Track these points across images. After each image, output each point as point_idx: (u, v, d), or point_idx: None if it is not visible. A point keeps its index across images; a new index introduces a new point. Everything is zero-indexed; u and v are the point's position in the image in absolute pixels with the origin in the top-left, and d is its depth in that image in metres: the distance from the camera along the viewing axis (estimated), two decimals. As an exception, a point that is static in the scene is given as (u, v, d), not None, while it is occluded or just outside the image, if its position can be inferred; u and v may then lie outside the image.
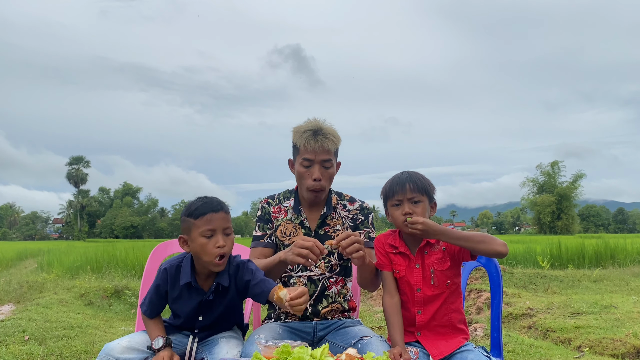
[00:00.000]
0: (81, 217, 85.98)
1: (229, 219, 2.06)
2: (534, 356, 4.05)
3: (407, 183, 2.03)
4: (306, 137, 2.21)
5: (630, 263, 10.77)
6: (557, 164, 61.95)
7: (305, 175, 2.25)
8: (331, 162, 2.25)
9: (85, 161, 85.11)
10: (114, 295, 7.21)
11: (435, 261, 2.03)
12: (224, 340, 2.11)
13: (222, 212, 2.02)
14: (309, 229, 2.31)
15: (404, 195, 2.03)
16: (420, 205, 2.02)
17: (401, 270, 2.07)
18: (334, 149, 2.26)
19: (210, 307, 2.10)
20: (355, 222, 2.36)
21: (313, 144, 2.20)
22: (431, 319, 2.02)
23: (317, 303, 2.27)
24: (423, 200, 2.03)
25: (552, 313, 5.61)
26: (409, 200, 2.02)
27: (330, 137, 2.23)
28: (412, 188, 2.02)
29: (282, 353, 1.53)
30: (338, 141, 2.27)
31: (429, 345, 2.01)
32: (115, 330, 5.07)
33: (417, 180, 2.05)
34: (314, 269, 2.28)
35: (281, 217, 2.35)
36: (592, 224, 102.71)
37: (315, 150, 2.20)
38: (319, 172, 2.22)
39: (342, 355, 1.61)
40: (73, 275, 9.45)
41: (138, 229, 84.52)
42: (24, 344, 4.16)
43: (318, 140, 2.20)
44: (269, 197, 2.43)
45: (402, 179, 2.06)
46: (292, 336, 2.19)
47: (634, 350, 4.20)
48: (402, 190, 2.03)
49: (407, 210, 2.01)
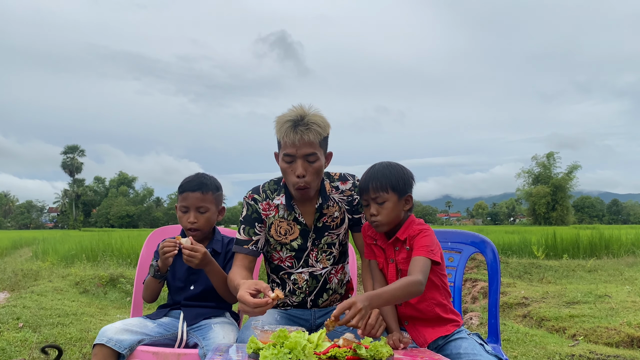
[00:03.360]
0: (76, 206, 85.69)
1: (205, 198, 2.27)
2: (529, 344, 4.06)
3: (370, 182, 1.95)
4: (285, 129, 1.96)
5: (624, 253, 10.83)
6: (553, 155, 62.12)
7: (288, 172, 2.02)
8: (316, 156, 1.99)
9: (80, 150, 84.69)
10: (109, 283, 7.19)
11: (401, 260, 1.99)
12: (218, 326, 2.12)
13: (198, 192, 2.25)
14: (305, 225, 2.14)
15: (369, 195, 1.96)
16: (386, 205, 1.94)
17: (380, 263, 2.06)
18: (319, 139, 1.99)
19: (201, 273, 2.21)
20: (352, 204, 2.19)
21: (292, 137, 1.94)
22: (414, 312, 2.00)
23: (317, 298, 2.20)
24: (389, 199, 1.94)
25: (547, 302, 5.63)
26: (373, 200, 1.95)
27: (313, 127, 1.96)
28: (374, 187, 1.94)
29: (279, 338, 1.52)
30: (324, 130, 2.01)
31: (415, 334, 1.99)
32: (110, 318, 5.06)
33: (382, 177, 1.94)
34: (316, 264, 2.16)
35: (272, 214, 2.14)
36: (587, 215, 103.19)
37: (295, 144, 1.95)
38: (302, 167, 1.98)
39: (339, 340, 1.59)
40: (68, 264, 9.42)
41: (134, 218, 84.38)
42: (18, 331, 4.14)
43: (298, 132, 1.94)
44: (253, 192, 2.17)
45: (366, 178, 1.98)
46: (290, 323, 2.16)
47: (628, 339, 4.22)
48: (366, 190, 1.97)
49: (372, 211, 1.95)
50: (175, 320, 2.21)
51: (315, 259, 2.17)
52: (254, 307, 1.73)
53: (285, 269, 2.18)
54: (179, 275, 2.29)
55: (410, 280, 1.76)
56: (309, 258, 2.16)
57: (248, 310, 1.75)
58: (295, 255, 2.16)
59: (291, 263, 2.17)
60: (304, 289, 2.17)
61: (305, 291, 2.17)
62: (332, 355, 1.53)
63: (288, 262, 2.17)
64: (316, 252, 2.16)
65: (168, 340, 2.14)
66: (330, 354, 1.53)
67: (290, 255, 2.16)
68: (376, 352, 1.55)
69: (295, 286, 2.18)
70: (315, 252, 2.16)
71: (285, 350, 1.46)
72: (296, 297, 2.19)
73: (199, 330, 2.15)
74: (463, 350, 1.88)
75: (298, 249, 2.15)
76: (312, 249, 2.16)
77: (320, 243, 2.16)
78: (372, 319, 1.83)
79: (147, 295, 2.28)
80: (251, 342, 1.58)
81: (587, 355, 3.71)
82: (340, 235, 2.21)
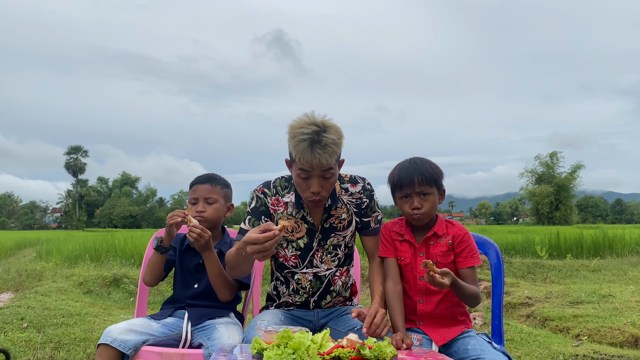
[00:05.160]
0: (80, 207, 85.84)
1: (214, 190, 2.36)
2: (533, 344, 4.05)
3: (416, 176, 1.99)
4: (302, 149, 1.89)
5: (628, 253, 10.80)
6: (556, 155, 61.99)
7: (303, 187, 2.01)
8: (332, 172, 1.98)
9: (83, 151, 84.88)
10: (113, 283, 7.21)
11: (440, 253, 2.02)
12: (222, 326, 2.12)
13: (207, 184, 2.36)
14: (313, 224, 2.15)
15: (412, 189, 2.00)
16: (429, 198, 2.00)
17: (406, 258, 2.06)
18: (335, 157, 1.96)
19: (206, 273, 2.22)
20: (360, 206, 2.19)
21: (310, 159, 1.89)
22: (433, 309, 2.02)
23: (320, 299, 2.20)
24: (432, 192, 2.01)
25: (551, 302, 5.62)
26: (417, 193, 2.00)
27: (330, 148, 1.90)
28: (420, 181, 1.99)
29: (283, 338, 1.52)
30: (340, 146, 1.97)
31: (431, 332, 2.00)
32: (114, 318, 5.07)
33: (426, 172, 2.00)
34: (321, 265, 2.16)
35: (280, 210, 2.16)
36: (590, 215, 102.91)
37: (312, 165, 1.92)
38: (318, 185, 1.97)
39: (343, 340, 1.60)
40: (72, 264, 9.44)
41: (137, 218, 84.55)
42: (22, 331, 4.16)
43: (316, 155, 1.88)
44: (264, 186, 2.19)
45: (410, 171, 2.01)
46: (294, 323, 2.16)
47: (632, 339, 4.22)
48: (410, 183, 2.00)
49: (416, 204, 2.00)
50: (179, 321, 2.22)
51: (320, 259, 2.16)
52: (263, 241, 1.68)
53: (289, 267, 2.18)
54: (188, 266, 2.31)
55: (478, 292, 1.94)
56: (313, 258, 2.16)
57: (258, 248, 1.69)
58: (301, 255, 2.16)
59: (295, 263, 2.17)
60: (308, 290, 2.17)
61: (308, 292, 2.18)
62: (336, 355, 1.53)
63: (292, 262, 2.17)
64: (321, 252, 2.16)
65: (172, 340, 2.14)
66: (334, 354, 1.53)
67: (295, 255, 2.17)
68: (380, 353, 1.55)
69: (298, 286, 2.18)
70: (320, 253, 2.16)
71: (289, 351, 1.46)
72: (299, 297, 2.19)
73: (203, 331, 2.16)
74: (471, 346, 1.90)
75: (304, 248, 2.16)
76: (317, 249, 2.16)
77: (326, 244, 2.17)
78: (377, 318, 1.83)
79: (148, 273, 2.27)
80: (255, 343, 1.58)
81: (591, 355, 3.70)
82: (346, 238, 2.21)
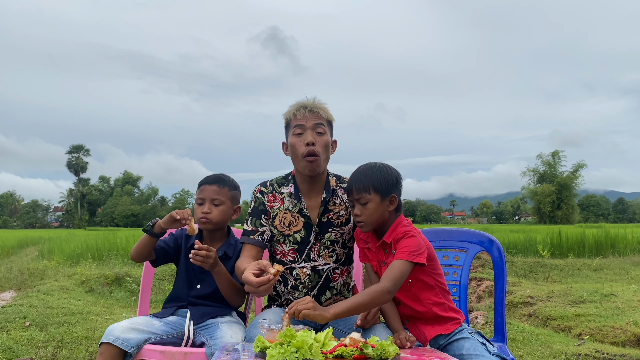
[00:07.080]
0: (82, 206, 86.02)
1: (221, 192, 2.33)
2: (535, 344, 4.05)
3: (354, 183, 2.01)
4: (295, 108, 2.18)
5: (630, 252, 10.77)
6: (558, 154, 61.87)
7: (298, 144, 2.13)
8: (324, 128, 2.15)
9: (85, 150, 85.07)
10: (115, 282, 7.22)
11: None
12: (225, 325, 2.12)
13: (214, 185, 2.33)
14: (309, 217, 2.18)
15: (352, 197, 2.02)
16: (369, 206, 1.98)
17: (374, 266, 2.09)
18: (326, 117, 2.19)
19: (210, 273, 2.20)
20: None
21: (303, 112, 2.15)
22: (412, 312, 2.02)
23: (320, 294, 2.20)
24: (371, 200, 1.98)
25: (553, 301, 5.62)
26: (357, 201, 2.01)
27: (321, 107, 2.18)
28: (357, 188, 2.00)
29: (286, 337, 1.52)
30: (330, 114, 2.21)
31: (416, 332, 2.00)
32: (116, 317, 5.08)
33: (364, 178, 1.99)
34: (319, 258, 2.20)
35: (277, 205, 2.21)
36: (592, 214, 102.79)
37: (305, 116, 2.14)
38: (311, 136, 2.12)
39: (345, 339, 1.60)
40: (74, 263, 9.45)
41: (139, 217, 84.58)
42: (24, 330, 4.16)
43: (307, 107, 2.16)
44: (261, 185, 2.28)
45: (350, 179, 2.05)
46: (296, 322, 2.16)
47: (634, 338, 4.21)
48: (350, 192, 2.03)
49: (356, 212, 2.01)
50: (182, 319, 2.22)
51: (317, 253, 2.18)
52: (257, 285, 1.77)
53: (287, 263, 2.20)
54: (193, 266, 2.24)
55: (376, 289, 1.79)
56: (311, 252, 2.18)
57: (253, 290, 1.80)
58: (298, 249, 2.18)
59: (293, 257, 2.19)
60: (307, 284, 2.18)
61: (307, 286, 2.19)
62: (339, 354, 1.53)
63: (290, 256, 2.19)
64: (318, 246, 2.18)
65: (175, 339, 2.14)
66: (337, 353, 1.53)
67: (292, 249, 2.19)
68: (383, 351, 1.55)
69: (297, 282, 2.19)
70: (317, 247, 2.18)
71: (292, 349, 1.47)
72: (299, 293, 2.19)
73: (206, 329, 2.16)
74: (465, 351, 1.89)
75: (301, 242, 2.18)
76: (314, 242, 2.18)
77: (323, 238, 2.19)
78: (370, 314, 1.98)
79: (134, 250, 2.26)
80: (258, 341, 1.59)
81: (593, 354, 3.70)
82: (344, 235, 2.22)
